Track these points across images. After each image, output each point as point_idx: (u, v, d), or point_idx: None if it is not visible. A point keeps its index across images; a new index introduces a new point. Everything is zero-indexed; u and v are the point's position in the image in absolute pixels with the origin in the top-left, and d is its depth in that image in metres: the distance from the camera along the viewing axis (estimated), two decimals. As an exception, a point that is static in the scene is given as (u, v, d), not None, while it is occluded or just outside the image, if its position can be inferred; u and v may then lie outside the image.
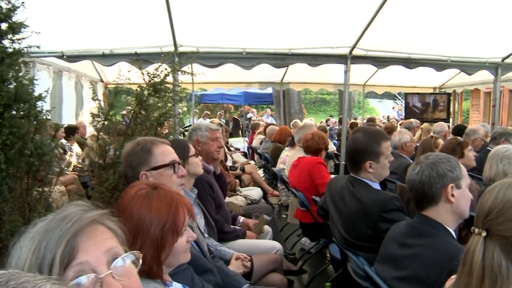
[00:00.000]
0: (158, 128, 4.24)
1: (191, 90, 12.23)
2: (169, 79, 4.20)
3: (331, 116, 21.90)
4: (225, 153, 7.15)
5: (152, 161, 2.48)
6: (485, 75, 8.75)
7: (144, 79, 4.05)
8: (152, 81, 3.94)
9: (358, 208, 2.78)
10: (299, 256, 5.32)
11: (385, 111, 30.58)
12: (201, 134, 4.10)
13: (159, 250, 1.70)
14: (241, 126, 19.42)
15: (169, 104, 4.17)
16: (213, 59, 7.12)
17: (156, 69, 3.99)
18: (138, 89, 3.95)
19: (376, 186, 2.94)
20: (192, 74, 4.83)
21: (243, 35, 7.15)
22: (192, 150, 3.25)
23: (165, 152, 2.54)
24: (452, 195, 2.07)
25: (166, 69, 4.10)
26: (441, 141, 5.12)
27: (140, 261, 1.19)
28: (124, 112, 5.17)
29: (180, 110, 6.99)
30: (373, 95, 32.75)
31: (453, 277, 1.62)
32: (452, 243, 1.97)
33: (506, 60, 7.98)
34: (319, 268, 4.77)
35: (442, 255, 1.85)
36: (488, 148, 5.58)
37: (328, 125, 15.10)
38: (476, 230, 1.52)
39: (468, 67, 8.12)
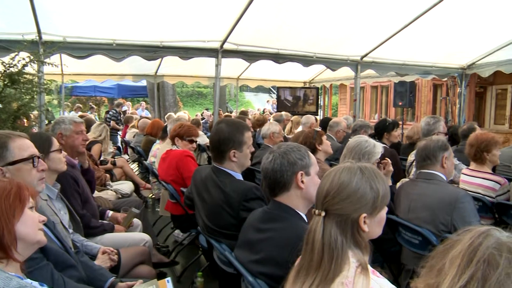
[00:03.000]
0: (18, 121, 4.01)
1: (61, 81, 11.67)
2: (30, 69, 3.99)
3: (207, 109, 22.03)
4: (101, 149, 6.93)
5: (8, 156, 2.37)
6: (349, 71, 9.36)
7: (-2, 68, 3.80)
8: (8, 71, 3.70)
9: (221, 198, 2.86)
10: (172, 248, 5.36)
11: (260, 104, 31.38)
12: (65, 127, 3.96)
13: (9, 219, 1.71)
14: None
15: (28, 97, 3.95)
16: (82, 49, 6.87)
17: (12, 58, 3.75)
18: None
19: (239, 176, 3.04)
20: (50, 64, 4.55)
21: (113, 26, 6.97)
22: (55, 145, 3.14)
23: (23, 146, 2.44)
24: (302, 181, 2.23)
25: (24, 58, 3.87)
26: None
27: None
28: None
29: (46, 102, 6.63)
30: (249, 89, 33.47)
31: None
32: (301, 225, 2.13)
33: (364, 59, 8.70)
34: (192, 259, 4.82)
35: (292, 237, 1.98)
36: (349, 139, 6.01)
37: (203, 118, 15.21)
38: (316, 211, 1.69)
39: (332, 63, 8.69)
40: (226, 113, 13.87)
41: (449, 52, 9.03)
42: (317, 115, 13.23)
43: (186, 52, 7.53)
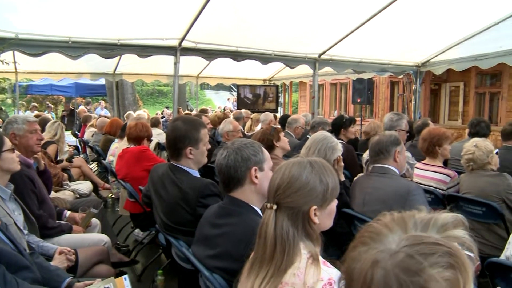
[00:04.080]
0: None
1: (15, 80, 11.37)
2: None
3: (167, 107, 21.88)
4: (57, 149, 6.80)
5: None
6: (308, 69, 9.48)
7: None
8: None
9: (178, 195, 2.89)
10: (132, 248, 5.33)
11: (221, 102, 31.41)
12: (18, 127, 3.89)
13: None
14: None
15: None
16: (36, 47, 6.70)
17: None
18: None
19: (195, 173, 3.07)
20: (1, 62, 4.45)
21: (69, 23, 6.82)
22: (7, 144, 3.08)
23: (-30, 147, 2.40)
24: (256, 177, 2.27)
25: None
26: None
27: None
28: None
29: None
30: (209, 87, 33.39)
31: None
32: (256, 220, 2.16)
33: (322, 56, 8.82)
34: (152, 258, 4.80)
35: (247, 231, 2.01)
36: (307, 136, 6.09)
37: (164, 117, 15.10)
38: (268, 205, 1.74)
39: (290, 61, 8.78)
40: (186, 112, 13.81)
41: (404, 50, 9.26)
42: (277, 112, 13.32)
43: (144, 50, 7.47)
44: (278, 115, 11.61)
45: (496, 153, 4.22)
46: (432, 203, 4.33)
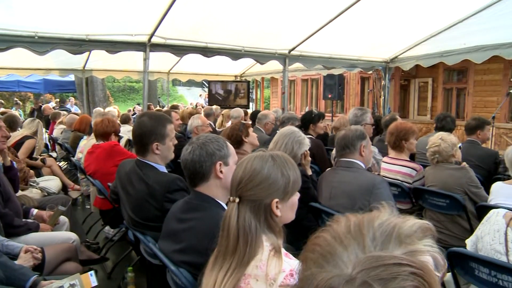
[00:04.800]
0: None
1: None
2: None
3: (138, 104, 21.67)
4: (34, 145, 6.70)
5: None
6: (279, 65, 9.53)
7: None
8: None
9: (145, 190, 2.89)
10: (102, 245, 5.29)
11: (193, 98, 31.25)
12: (-20, 125, 3.83)
13: None
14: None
15: None
16: (0, 42, 6.56)
17: None
18: None
19: (162, 168, 3.08)
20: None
21: (35, 17, 6.69)
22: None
23: None
24: (221, 171, 2.30)
25: None
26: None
27: None
28: None
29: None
30: (182, 83, 33.23)
31: None
32: (221, 214, 2.17)
33: (292, 52, 8.89)
34: (122, 255, 4.80)
35: (212, 225, 2.01)
36: (277, 131, 6.14)
37: (135, 113, 14.95)
38: (231, 198, 1.77)
39: (260, 57, 8.82)
40: (158, 108, 13.72)
41: (373, 46, 9.41)
42: (248, 108, 13.35)
43: (113, 46, 7.40)
44: (250, 111, 11.63)
45: (460, 147, 4.34)
46: (398, 196, 4.43)
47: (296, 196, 1.87)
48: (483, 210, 3.54)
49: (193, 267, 2.12)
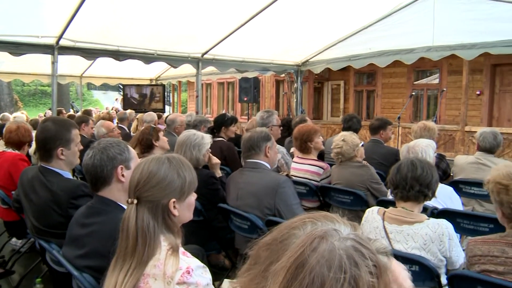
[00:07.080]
0: None
1: None
2: None
3: (50, 109, 20.83)
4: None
5: None
6: (194, 68, 9.52)
7: None
8: None
9: (49, 197, 2.83)
10: (8, 258, 5.06)
11: (110, 102, 30.57)
12: None
13: None
14: None
15: None
16: None
17: None
18: None
19: (67, 174, 3.02)
20: None
21: None
22: None
23: None
24: (123, 175, 2.33)
25: None
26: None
27: None
28: None
29: None
30: (97, 87, 32.30)
31: None
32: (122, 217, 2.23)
33: (205, 56, 8.97)
34: (31, 266, 4.62)
35: (114, 229, 2.02)
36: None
37: (46, 119, 14.36)
38: (129, 200, 1.82)
39: (173, 60, 8.84)
40: (70, 113, 13.27)
41: (285, 50, 9.68)
42: (164, 112, 13.26)
43: (17, 48, 7.06)
44: (166, 114, 11.56)
45: (362, 145, 4.60)
46: (307, 194, 4.63)
47: (193, 196, 1.95)
48: (383, 204, 3.79)
49: (96, 271, 2.12)
